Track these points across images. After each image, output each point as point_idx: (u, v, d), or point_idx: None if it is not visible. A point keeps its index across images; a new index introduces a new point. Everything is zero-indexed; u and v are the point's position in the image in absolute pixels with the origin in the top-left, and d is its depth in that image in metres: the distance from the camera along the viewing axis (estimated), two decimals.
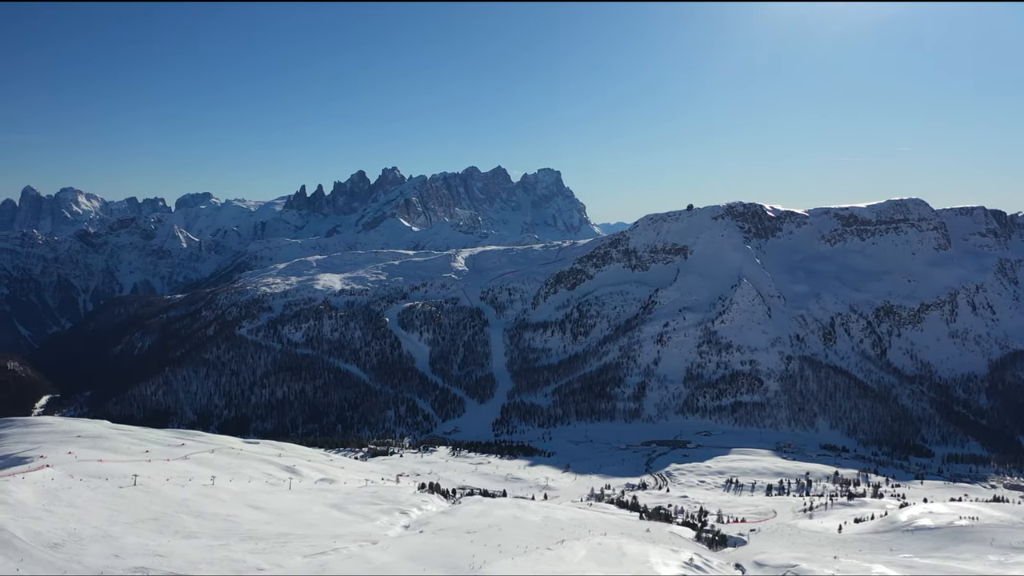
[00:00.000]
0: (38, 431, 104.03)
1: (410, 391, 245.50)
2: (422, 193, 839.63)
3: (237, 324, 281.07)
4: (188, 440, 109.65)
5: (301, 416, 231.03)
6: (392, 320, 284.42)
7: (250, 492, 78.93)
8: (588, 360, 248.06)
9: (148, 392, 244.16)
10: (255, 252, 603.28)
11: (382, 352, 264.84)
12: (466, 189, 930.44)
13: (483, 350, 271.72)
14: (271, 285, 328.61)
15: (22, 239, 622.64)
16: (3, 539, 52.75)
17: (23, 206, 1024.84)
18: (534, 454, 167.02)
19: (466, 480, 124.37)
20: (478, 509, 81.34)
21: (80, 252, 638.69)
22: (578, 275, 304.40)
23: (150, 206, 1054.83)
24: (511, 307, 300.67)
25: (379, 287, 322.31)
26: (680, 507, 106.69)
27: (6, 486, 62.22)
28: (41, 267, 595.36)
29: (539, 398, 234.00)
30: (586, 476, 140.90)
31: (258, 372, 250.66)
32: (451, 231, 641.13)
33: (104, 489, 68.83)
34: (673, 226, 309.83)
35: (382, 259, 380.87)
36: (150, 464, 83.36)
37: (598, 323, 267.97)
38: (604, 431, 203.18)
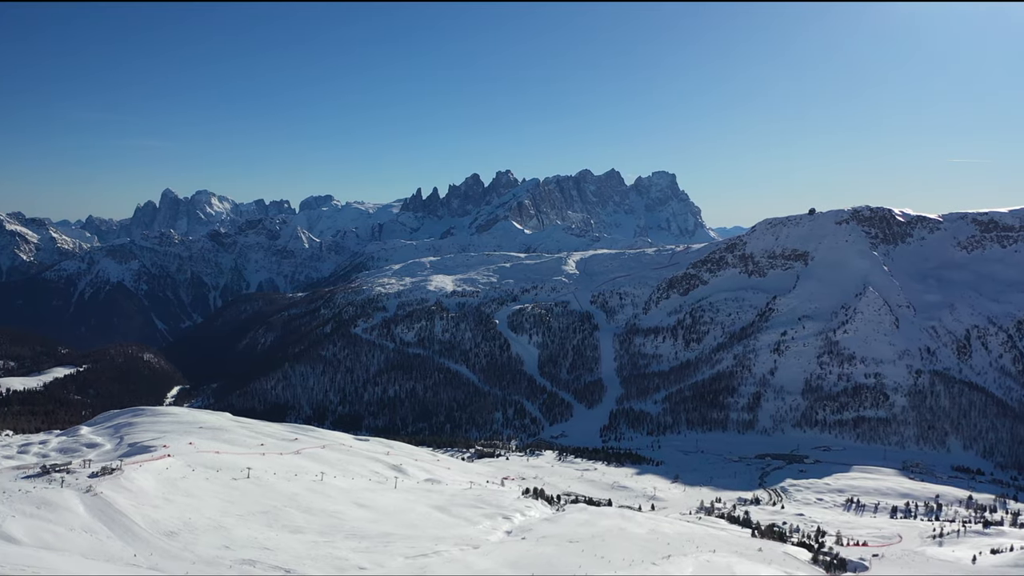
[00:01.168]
0: (164, 421, 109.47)
1: (518, 393, 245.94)
2: (535, 196, 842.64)
3: (353, 323, 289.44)
4: (301, 435, 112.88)
5: (411, 414, 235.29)
6: (502, 322, 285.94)
7: (357, 489, 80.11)
8: (700, 368, 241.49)
9: (269, 386, 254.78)
10: (372, 253, 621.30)
11: (491, 354, 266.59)
12: (579, 192, 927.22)
13: (592, 354, 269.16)
14: (386, 285, 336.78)
15: (160, 239, 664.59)
16: (124, 525, 55.27)
17: (162, 208, 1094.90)
18: (642, 462, 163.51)
19: (571, 486, 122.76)
20: (582, 518, 79.71)
21: (212, 251, 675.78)
22: (692, 280, 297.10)
23: (276, 208, 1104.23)
24: (622, 311, 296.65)
25: (490, 289, 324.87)
26: (795, 525, 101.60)
27: (130, 474, 65.31)
28: (177, 265, 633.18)
29: (648, 405, 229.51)
30: (696, 488, 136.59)
31: (371, 370, 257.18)
32: (563, 234, 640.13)
33: (219, 480, 71.31)
34: (793, 231, 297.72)
35: (494, 261, 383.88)
36: (264, 458, 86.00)
37: (711, 330, 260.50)
38: (715, 441, 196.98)
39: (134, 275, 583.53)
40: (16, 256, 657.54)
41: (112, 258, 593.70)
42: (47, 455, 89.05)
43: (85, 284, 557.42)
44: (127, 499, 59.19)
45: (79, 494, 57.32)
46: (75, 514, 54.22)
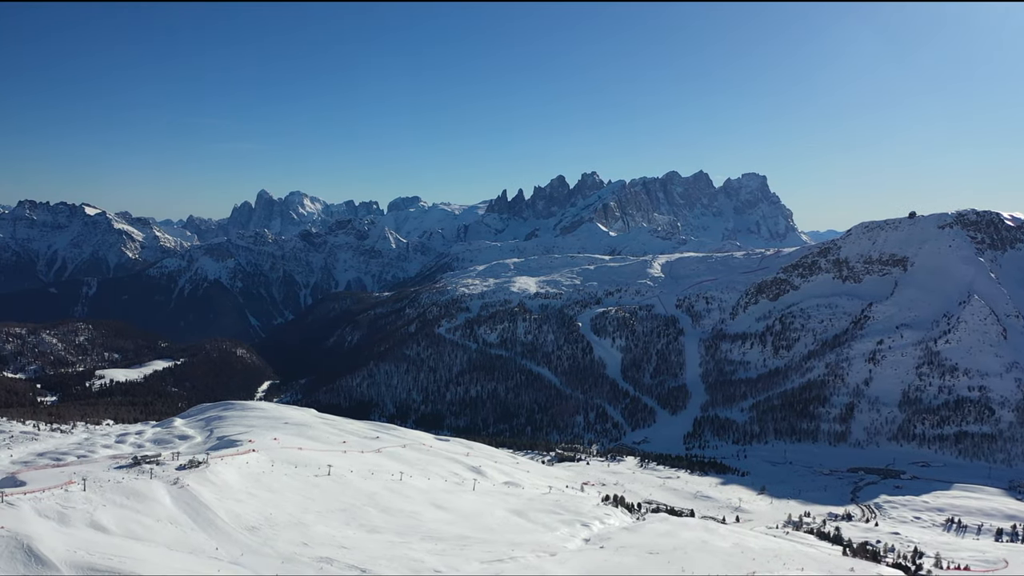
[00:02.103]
0: (252, 415, 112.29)
1: (600, 397, 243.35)
2: (620, 198, 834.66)
3: (437, 323, 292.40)
4: (383, 433, 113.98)
5: (492, 415, 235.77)
6: (585, 325, 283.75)
7: (435, 490, 79.99)
8: (790, 376, 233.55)
9: (354, 383, 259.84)
10: (457, 254, 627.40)
11: (574, 356, 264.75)
12: (665, 194, 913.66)
13: (677, 359, 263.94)
14: (469, 286, 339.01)
15: (255, 238, 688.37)
16: (208, 518, 56.33)
17: (258, 208, 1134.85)
18: (726, 472, 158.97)
19: (652, 494, 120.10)
20: (663, 528, 77.42)
21: (303, 250, 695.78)
22: (782, 285, 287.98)
23: (365, 209, 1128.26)
24: (708, 316, 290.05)
25: (573, 291, 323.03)
26: (890, 545, 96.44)
27: (216, 467, 66.77)
28: (270, 263, 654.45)
29: (734, 413, 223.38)
30: (783, 501, 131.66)
31: (454, 370, 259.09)
32: (648, 237, 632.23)
33: (301, 477, 72.28)
34: (891, 235, 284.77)
35: (578, 263, 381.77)
36: (345, 455, 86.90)
37: (802, 337, 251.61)
38: (805, 453, 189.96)
39: (230, 273, 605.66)
40: (123, 254, 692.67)
41: (210, 256, 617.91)
42: (142, 445, 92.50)
43: (185, 281, 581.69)
44: (212, 492, 60.43)
45: (166, 486, 58.79)
46: (162, 505, 55.59)
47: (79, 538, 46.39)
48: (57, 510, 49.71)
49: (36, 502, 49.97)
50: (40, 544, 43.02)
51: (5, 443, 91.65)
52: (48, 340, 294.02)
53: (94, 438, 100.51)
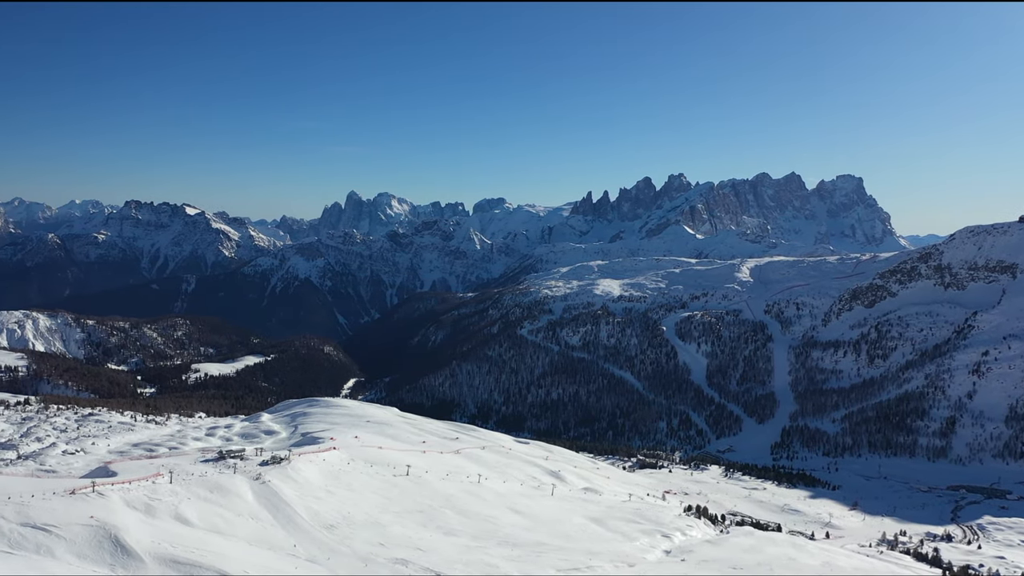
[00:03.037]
0: (336, 413, 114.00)
1: (684, 403, 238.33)
2: (708, 200, 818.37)
3: (519, 324, 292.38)
4: (463, 434, 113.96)
5: (573, 419, 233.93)
6: (669, 329, 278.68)
7: (513, 494, 79.14)
8: (885, 386, 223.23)
9: (436, 383, 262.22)
10: (541, 255, 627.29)
11: (657, 361, 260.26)
12: (755, 196, 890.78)
13: (765, 367, 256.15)
14: (553, 288, 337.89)
15: (344, 238, 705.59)
16: (287, 515, 56.93)
17: (347, 209, 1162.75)
18: (816, 485, 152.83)
19: (737, 506, 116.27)
20: (748, 543, 74.43)
21: (390, 251, 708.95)
22: (878, 291, 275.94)
23: (451, 210, 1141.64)
24: (798, 323, 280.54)
25: (658, 295, 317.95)
26: (994, 570, 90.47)
27: (297, 464, 67.62)
28: (358, 263, 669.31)
29: (825, 424, 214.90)
30: (877, 518, 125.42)
31: (535, 372, 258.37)
32: (737, 240, 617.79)
33: (380, 476, 72.58)
34: (999, 240, 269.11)
35: (663, 266, 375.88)
36: (424, 456, 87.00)
37: (899, 346, 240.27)
38: (901, 468, 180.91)
39: (320, 272, 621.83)
40: (220, 252, 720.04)
41: (301, 255, 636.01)
42: (230, 439, 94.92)
43: (277, 279, 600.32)
44: (292, 489, 61.17)
45: (249, 481, 59.77)
46: (244, 501, 56.51)
47: (164, 530, 47.48)
48: (144, 502, 51.06)
49: (125, 493, 51.44)
50: (126, 535, 44.16)
51: (104, 433, 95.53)
52: (149, 334, 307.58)
53: (186, 430, 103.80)
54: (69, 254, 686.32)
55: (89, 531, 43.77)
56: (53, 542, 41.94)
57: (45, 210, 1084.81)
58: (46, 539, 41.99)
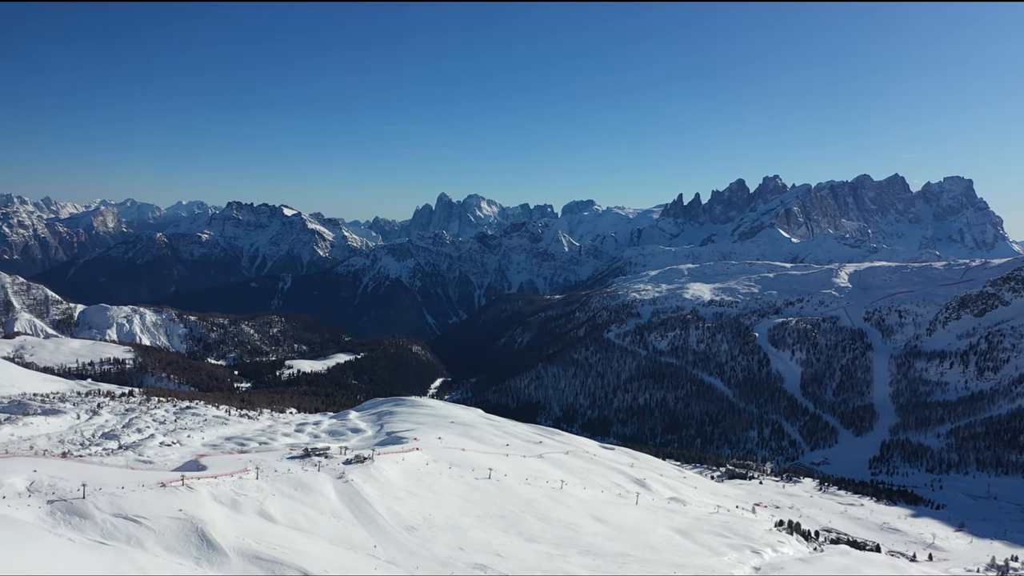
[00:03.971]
0: (421, 413, 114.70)
1: (776, 412, 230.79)
2: (804, 203, 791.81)
3: (606, 327, 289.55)
4: (546, 438, 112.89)
5: (660, 425, 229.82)
6: (762, 335, 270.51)
7: (596, 502, 77.59)
8: (996, 400, 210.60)
9: (522, 385, 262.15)
10: (629, 258, 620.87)
11: (748, 368, 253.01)
12: (855, 199, 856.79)
13: (863, 376, 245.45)
14: (641, 291, 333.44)
15: (434, 239, 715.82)
16: (368, 515, 56.99)
17: (437, 210, 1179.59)
18: (918, 503, 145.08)
19: (832, 522, 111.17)
20: (843, 563, 70.74)
21: (478, 252, 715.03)
22: (989, 300, 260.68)
23: (539, 212, 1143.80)
24: (900, 331, 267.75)
25: (750, 300, 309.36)
26: None
27: (380, 464, 67.85)
28: (447, 264, 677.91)
29: (929, 438, 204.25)
30: (986, 541, 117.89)
31: (622, 376, 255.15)
32: (834, 244, 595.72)
33: (462, 479, 72.16)
34: None
35: (756, 271, 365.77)
36: (507, 459, 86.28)
37: (1012, 358, 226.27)
38: (1014, 488, 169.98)
39: (410, 272, 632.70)
40: (315, 252, 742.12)
41: (392, 256, 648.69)
42: (318, 436, 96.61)
43: (369, 279, 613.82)
44: (374, 489, 61.32)
45: (332, 479, 60.23)
46: (327, 499, 56.90)
47: (248, 526, 48.12)
48: (231, 497, 51.94)
49: (213, 487, 52.45)
50: (212, 529, 44.89)
51: (199, 426, 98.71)
52: (246, 331, 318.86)
53: (276, 426, 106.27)
54: (175, 253, 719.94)
55: (177, 524, 44.66)
56: (143, 534, 42.92)
57: (155, 210, 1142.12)
58: (136, 530, 43.01)
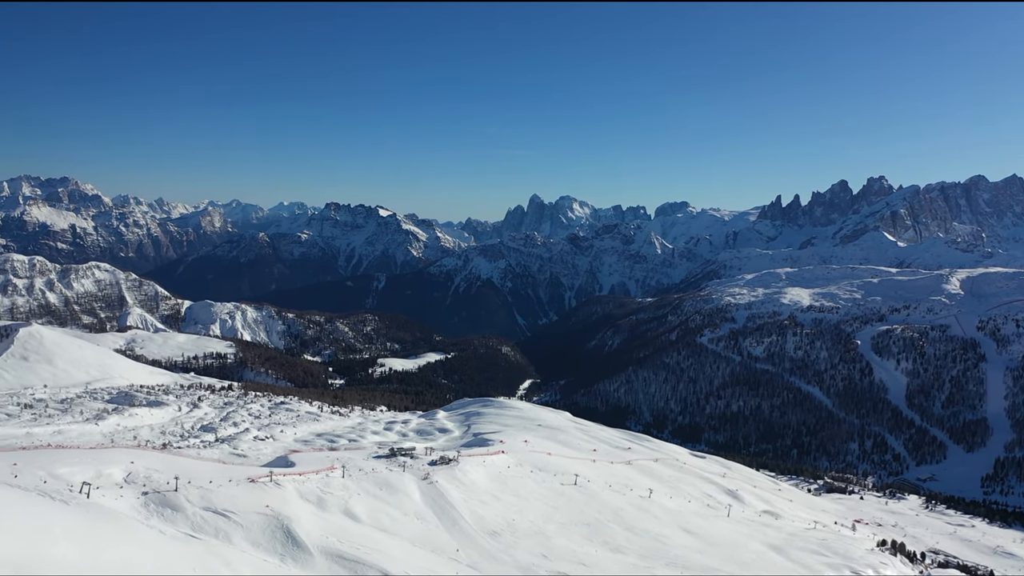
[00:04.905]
0: (508, 414, 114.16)
1: (879, 424, 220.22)
2: (912, 205, 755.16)
3: (699, 332, 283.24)
4: (635, 444, 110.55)
5: (754, 433, 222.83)
6: (864, 343, 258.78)
7: (686, 513, 75.16)
8: None
9: (611, 388, 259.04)
10: (724, 261, 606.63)
11: (849, 377, 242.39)
12: (968, 201, 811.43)
13: (976, 389, 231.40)
14: (736, 295, 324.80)
15: (525, 240, 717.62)
16: (452, 518, 56.53)
17: (529, 212, 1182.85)
18: None
19: (940, 544, 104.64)
20: None
21: (569, 253, 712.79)
22: None
23: (632, 213, 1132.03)
24: (1018, 342, 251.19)
25: (852, 306, 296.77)
26: None
27: (465, 466, 67.44)
28: (538, 265, 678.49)
29: None
30: None
31: (715, 382, 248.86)
32: (945, 248, 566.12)
33: (547, 484, 71.02)
34: None
35: (858, 275, 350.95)
36: (594, 465, 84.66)
37: None
38: None
39: (501, 273, 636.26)
40: (408, 252, 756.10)
41: (484, 257, 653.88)
42: (406, 434, 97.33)
43: (460, 279, 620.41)
44: (458, 491, 60.92)
45: (417, 480, 60.15)
46: (411, 500, 56.79)
47: (332, 524, 48.35)
48: (317, 494, 52.40)
49: (299, 484, 53.03)
50: (298, 527, 45.23)
51: (292, 422, 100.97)
52: (341, 328, 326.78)
53: (366, 423, 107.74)
54: (276, 252, 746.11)
55: (264, 520, 45.19)
56: (231, 528, 43.58)
57: (258, 211, 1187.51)
58: (225, 524, 43.70)
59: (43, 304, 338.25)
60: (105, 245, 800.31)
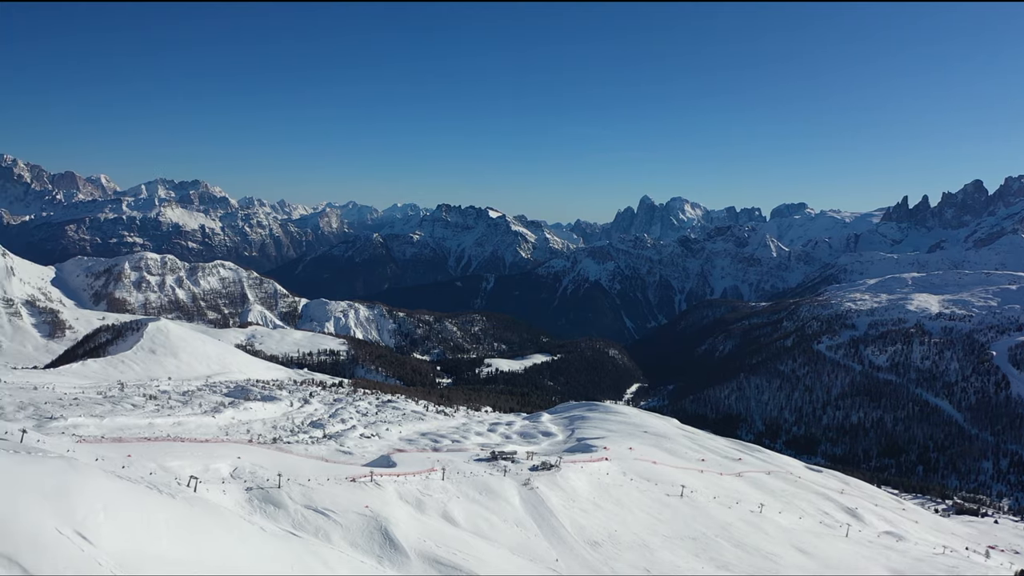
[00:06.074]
0: (613, 420, 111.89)
1: (1016, 443, 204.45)
2: None
3: (816, 339, 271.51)
4: (746, 455, 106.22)
5: (876, 448, 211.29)
6: (1000, 354, 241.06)
7: (800, 531, 71.14)
8: None
9: (722, 395, 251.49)
10: (844, 265, 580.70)
11: (983, 390, 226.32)
12: None
13: None
14: (857, 301, 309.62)
15: (635, 242, 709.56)
16: (552, 526, 55.09)
17: (639, 213, 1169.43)
18: None
19: None
20: None
21: (680, 256, 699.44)
22: None
23: (746, 215, 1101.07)
24: None
25: (987, 314, 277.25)
26: None
27: (567, 473, 65.90)
28: (647, 268, 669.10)
29: None
30: None
31: (833, 392, 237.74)
32: None
33: (651, 494, 68.59)
34: None
35: (994, 281, 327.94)
36: (701, 475, 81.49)
37: None
38: None
39: (609, 275, 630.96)
40: (517, 253, 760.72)
41: (592, 258, 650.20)
42: (509, 436, 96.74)
43: (568, 281, 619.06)
44: (559, 499, 59.50)
45: (517, 486, 59.08)
46: (511, 506, 55.74)
47: (430, 528, 47.82)
48: (416, 496, 52.08)
49: (400, 485, 52.88)
50: (396, 529, 44.88)
51: (397, 420, 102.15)
52: (450, 328, 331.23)
53: (470, 424, 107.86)
54: (389, 252, 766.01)
55: (363, 520, 45.09)
56: (330, 527, 43.66)
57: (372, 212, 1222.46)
58: (325, 523, 43.83)
59: (173, 300, 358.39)
60: (231, 244, 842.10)
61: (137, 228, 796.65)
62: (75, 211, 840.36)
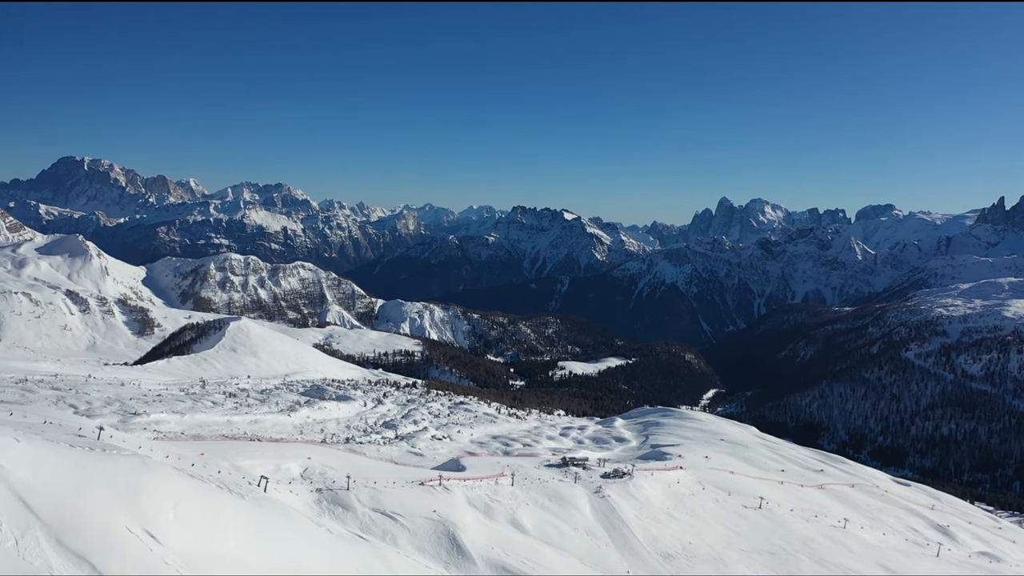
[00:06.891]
0: (688, 426, 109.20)
1: None
2: None
3: (904, 346, 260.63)
4: (828, 466, 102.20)
5: (968, 461, 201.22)
6: None
7: (886, 548, 67.67)
8: None
9: (803, 403, 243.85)
10: (935, 269, 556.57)
11: None
12: None
13: None
14: (948, 307, 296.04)
15: (712, 244, 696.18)
16: (623, 536, 53.62)
17: (718, 215, 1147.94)
18: None
19: None
20: None
21: (759, 259, 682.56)
22: None
23: (830, 217, 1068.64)
24: None
25: None
26: None
27: (640, 481, 64.24)
28: (725, 270, 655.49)
29: None
30: None
31: (922, 402, 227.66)
32: None
33: (728, 505, 66.33)
34: None
35: None
36: (781, 487, 78.47)
37: None
38: None
39: (686, 278, 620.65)
40: (592, 255, 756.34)
41: (668, 261, 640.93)
42: (582, 441, 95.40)
43: (644, 283, 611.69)
44: (632, 508, 57.99)
45: (588, 494, 57.87)
46: (581, 514, 54.56)
47: (498, 534, 47.03)
48: (485, 502, 51.39)
49: (468, 490, 52.31)
50: (463, 534, 44.26)
51: (469, 422, 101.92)
52: (523, 330, 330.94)
53: (542, 427, 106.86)
54: (464, 253, 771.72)
55: (430, 525, 44.63)
56: (398, 531, 43.33)
57: (448, 214, 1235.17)
58: (392, 527, 43.52)
59: (255, 300, 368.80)
60: (311, 246, 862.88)
61: (223, 230, 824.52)
62: (166, 213, 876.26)
